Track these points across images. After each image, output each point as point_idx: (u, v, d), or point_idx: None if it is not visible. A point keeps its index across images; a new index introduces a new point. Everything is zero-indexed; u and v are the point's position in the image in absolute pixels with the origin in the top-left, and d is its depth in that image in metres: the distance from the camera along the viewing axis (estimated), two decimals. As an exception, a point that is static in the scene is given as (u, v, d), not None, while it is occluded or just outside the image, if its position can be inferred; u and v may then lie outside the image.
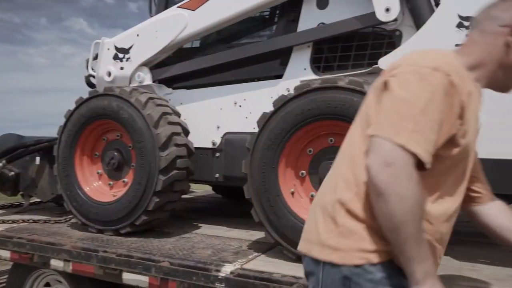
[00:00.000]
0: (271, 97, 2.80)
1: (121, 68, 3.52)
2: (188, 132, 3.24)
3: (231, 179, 3.15)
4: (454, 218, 1.25)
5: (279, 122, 2.55)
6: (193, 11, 3.27)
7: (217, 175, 3.23)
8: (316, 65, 2.99)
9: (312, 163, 2.62)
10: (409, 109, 1.07)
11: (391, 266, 1.12)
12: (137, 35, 3.48)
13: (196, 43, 3.62)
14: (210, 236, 3.09)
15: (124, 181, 3.25)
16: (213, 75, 3.40)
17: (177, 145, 3.01)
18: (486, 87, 1.30)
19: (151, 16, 3.74)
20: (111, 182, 3.32)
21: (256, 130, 2.65)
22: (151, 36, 3.41)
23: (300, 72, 2.99)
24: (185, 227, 3.33)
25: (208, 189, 5.56)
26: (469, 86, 1.16)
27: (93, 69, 3.74)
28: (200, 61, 3.40)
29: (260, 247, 2.76)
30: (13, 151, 3.86)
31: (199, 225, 3.45)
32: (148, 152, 2.95)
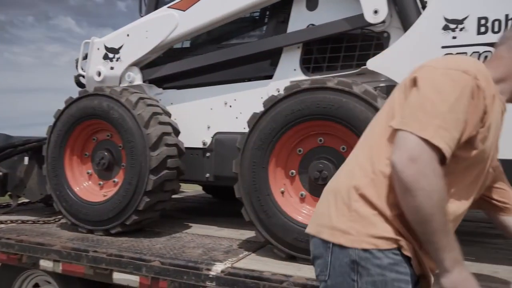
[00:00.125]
0: (261, 98, 2.82)
1: (111, 68, 3.52)
2: (179, 132, 3.25)
3: (221, 179, 3.17)
4: (460, 219, 1.30)
5: (269, 122, 2.57)
6: (184, 11, 3.28)
7: (207, 175, 3.25)
8: (306, 66, 3.02)
9: (302, 163, 2.65)
10: (437, 106, 1.11)
11: (399, 254, 1.16)
12: (127, 35, 3.48)
13: (187, 43, 3.63)
14: (200, 235, 3.10)
15: (114, 181, 3.24)
16: (203, 75, 3.41)
17: (167, 145, 3.01)
18: (509, 101, 1.36)
19: (141, 16, 3.73)
20: (101, 182, 3.32)
21: (247, 130, 2.67)
22: (141, 36, 3.41)
23: (290, 72, 3.03)
24: (176, 227, 3.34)
25: (198, 189, 5.57)
26: (493, 90, 1.21)
27: (82, 69, 3.73)
28: (190, 61, 3.42)
29: (251, 246, 2.78)
30: (1, 151, 3.83)
31: (190, 224, 3.45)
32: (139, 152, 2.95)
